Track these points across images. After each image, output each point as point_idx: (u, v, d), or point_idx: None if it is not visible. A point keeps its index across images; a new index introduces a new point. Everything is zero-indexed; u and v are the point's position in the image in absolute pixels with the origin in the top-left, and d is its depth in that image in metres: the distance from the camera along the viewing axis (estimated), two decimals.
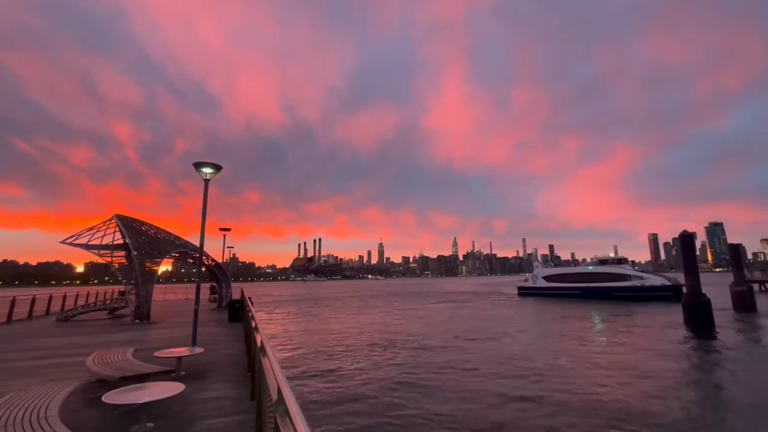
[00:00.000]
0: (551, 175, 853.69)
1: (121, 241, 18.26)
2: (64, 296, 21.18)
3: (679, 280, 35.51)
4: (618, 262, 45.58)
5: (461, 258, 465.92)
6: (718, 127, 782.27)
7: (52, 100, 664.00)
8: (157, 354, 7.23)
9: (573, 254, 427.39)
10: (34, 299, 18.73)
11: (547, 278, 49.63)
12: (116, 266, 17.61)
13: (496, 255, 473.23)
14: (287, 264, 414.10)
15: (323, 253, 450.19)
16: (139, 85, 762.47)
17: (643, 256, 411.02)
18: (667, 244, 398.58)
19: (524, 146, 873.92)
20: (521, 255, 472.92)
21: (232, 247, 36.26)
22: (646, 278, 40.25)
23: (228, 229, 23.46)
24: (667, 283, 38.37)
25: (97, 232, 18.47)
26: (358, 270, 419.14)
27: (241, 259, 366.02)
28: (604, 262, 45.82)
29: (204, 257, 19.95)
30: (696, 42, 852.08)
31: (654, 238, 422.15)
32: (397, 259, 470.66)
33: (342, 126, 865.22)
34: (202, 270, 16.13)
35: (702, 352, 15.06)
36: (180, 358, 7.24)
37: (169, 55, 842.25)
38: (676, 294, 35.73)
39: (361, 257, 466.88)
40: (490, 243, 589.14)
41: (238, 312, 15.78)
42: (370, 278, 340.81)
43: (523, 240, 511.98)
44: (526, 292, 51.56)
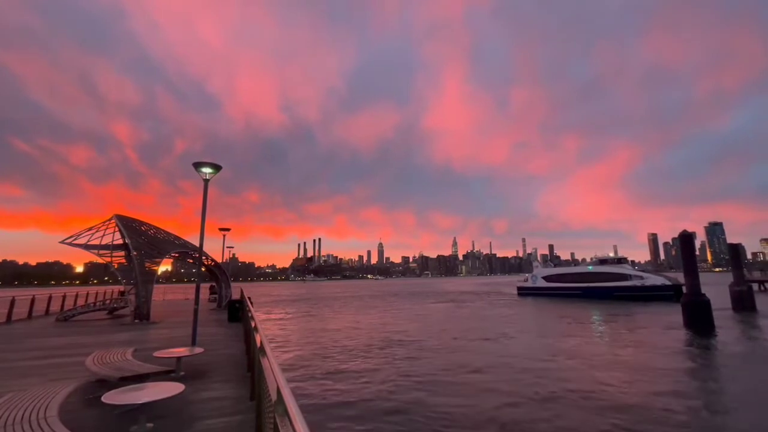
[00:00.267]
0: (551, 175, 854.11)
1: (120, 241, 18.26)
2: (64, 296, 21.15)
3: (679, 279, 35.49)
4: (618, 261, 45.58)
5: (461, 258, 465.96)
6: (717, 127, 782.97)
7: (51, 100, 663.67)
8: (157, 354, 7.24)
9: (573, 254, 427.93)
10: (33, 299, 18.74)
11: (547, 278, 49.59)
12: (116, 266, 17.62)
13: (495, 255, 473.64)
14: (287, 264, 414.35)
15: (323, 253, 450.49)
16: (138, 85, 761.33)
17: (643, 256, 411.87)
18: (666, 244, 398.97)
19: (524, 146, 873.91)
20: (521, 255, 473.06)
21: (232, 247, 36.20)
22: (646, 278, 40.22)
23: (228, 229, 23.51)
24: (668, 283, 38.32)
25: (97, 232, 18.47)
26: (358, 270, 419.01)
27: (240, 259, 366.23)
28: (603, 261, 45.81)
29: (204, 257, 19.95)
30: (696, 42, 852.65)
31: (654, 238, 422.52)
32: (396, 259, 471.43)
33: (342, 126, 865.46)
34: (202, 270, 16.13)
35: (702, 353, 15.07)
36: (179, 359, 7.24)
37: (169, 55, 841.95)
38: (677, 294, 35.60)
39: (361, 257, 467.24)
40: (490, 243, 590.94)
41: (237, 312, 15.78)
42: (370, 278, 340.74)
43: (523, 240, 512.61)
44: (525, 292, 51.51)
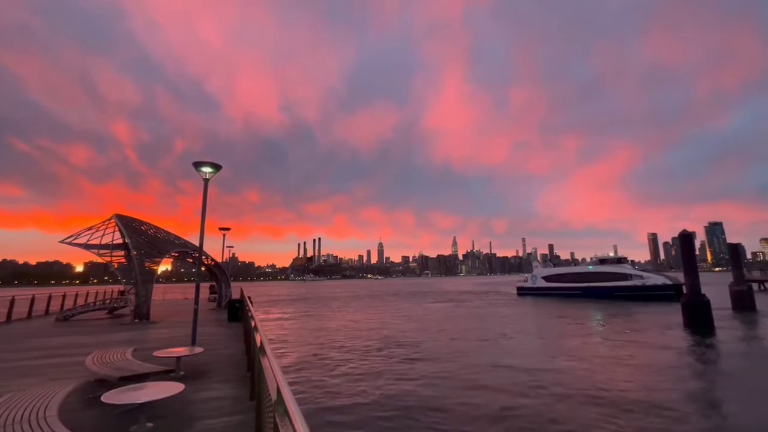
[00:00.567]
0: (551, 174, 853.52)
1: (120, 241, 18.24)
2: (64, 296, 21.13)
3: (679, 279, 35.45)
4: (618, 261, 45.50)
5: (461, 257, 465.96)
6: (717, 127, 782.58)
7: (51, 100, 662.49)
8: (157, 354, 7.23)
9: (572, 254, 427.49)
10: (33, 299, 18.73)
11: (547, 278, 49.49)
12: (116, 266, 17.60)
13: (495, 254, 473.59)
14: (287, 263, 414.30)
15: (323, 252, 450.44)
16: (138, 85, 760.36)
17: (643, 256, 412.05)
18: (666, 244, 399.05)
19: (524, 146, 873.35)
20: (521, 255, 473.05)
21: (232, 247, 36.14)
22: (647, 278, 40.16)
23: (227, 229, 23.51)
24: (669, 283, 38.23)
25: (97, 231, 18.46)
26: (358, 270, 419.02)
27: (240, 259, 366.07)
28: (603, 261, 45.70)
29: (203, 257, 19.94)
30: (696, 42, 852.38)
31: (653, 238, 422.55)
32: (396, 258, 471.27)
33: (341, 126, 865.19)
34: (202, 270, 16.11)
35: (702, 353, 15.06)
36: (179, 358, 7.24)
37: (169, 55, 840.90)
38: (678, 293, 35.37)
39: (361, 257, 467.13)
40: (490, 243, 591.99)
41: (237, 312, 15.77)
42: (370, 278, 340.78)
43: (523, 240, 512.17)
44: (525, 292, 51.43)
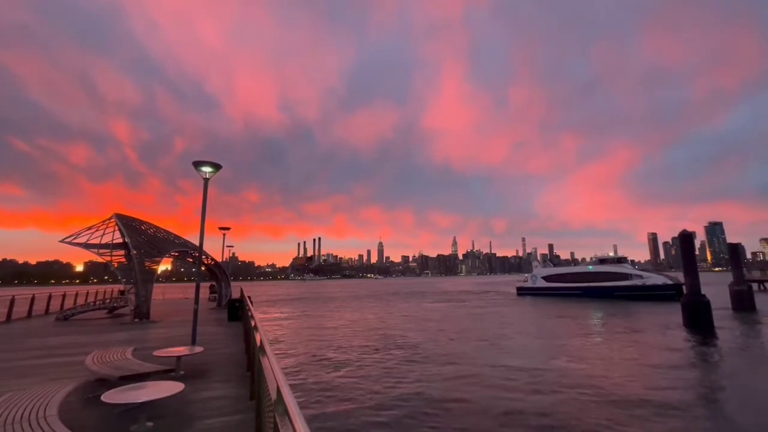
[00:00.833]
0: (550, 174, 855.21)
1: (120, 240, 18.23)
2: (64, 295, 21.14)
3: (679, 279, 35.44)
4: (618, 261, 45.44)
5: (461, 257, 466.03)
6: (717, 127, 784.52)
7: (50, 100, 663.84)
8: (157, 353, 7.23)
9: (572, 253, 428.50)
10: (33, 298, 18.73)
11: (547, 278, 49.46)
12: (116, 265, 17.60)
13: (495, 254, 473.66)
14: (287, 263, 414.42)
15: (323, 252, 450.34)
16: (138, 85, 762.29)
17: (643, 256, 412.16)
18: (666, 244, 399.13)
19: (523, 146, 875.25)
20: (521, 254, 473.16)
21: (232, 246, 35.79)
22: (647, 277, 40.14)
23: (227, 228, 23.50)
24: (669, 282, 38.22)
25: (97, 231, 18.45)
26: (358, 269, 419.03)
27: (240, 259, 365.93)
28: (603, 261, 45.67)
29: (203, 256, 19.94)
30: (695, 42, 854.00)
31: (653, 238, 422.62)
32: (396, 258, 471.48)
33: (341, 125, 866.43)
34: (202, 269, 16.10)
35: (701, 352, 15.08)
36: (179, 358, 7.23)
37: (168, 55, 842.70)
38: (678, 293, 35.37)
39: (361, 256, 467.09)
40: (490, 242, 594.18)
41: (237, 311, 15.77)
42: (370, 277, 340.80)
43: (523, 239, 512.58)
44: (525, 292, 51.39)
